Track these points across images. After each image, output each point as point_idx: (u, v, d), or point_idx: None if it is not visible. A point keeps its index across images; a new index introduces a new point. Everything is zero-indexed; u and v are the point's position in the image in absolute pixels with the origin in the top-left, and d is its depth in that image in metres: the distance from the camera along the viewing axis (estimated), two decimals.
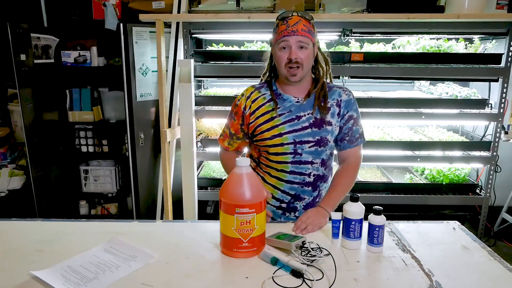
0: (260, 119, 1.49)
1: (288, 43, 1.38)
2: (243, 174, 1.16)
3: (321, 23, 2.56)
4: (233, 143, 1.59)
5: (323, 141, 1.47)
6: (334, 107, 1.49)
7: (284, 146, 1.46)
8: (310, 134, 1.46)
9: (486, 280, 1.09)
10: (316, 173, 1.51)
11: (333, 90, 1.52)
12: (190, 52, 2.66)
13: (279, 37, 1.40)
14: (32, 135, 2.82)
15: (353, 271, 1.12)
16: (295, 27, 1.38)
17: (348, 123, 1.51)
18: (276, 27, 1.43)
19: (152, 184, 3.05)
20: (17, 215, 1.72)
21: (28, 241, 1.28)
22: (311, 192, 1.53)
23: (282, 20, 1.42)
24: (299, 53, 1.38)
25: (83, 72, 2.95)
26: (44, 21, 3.05)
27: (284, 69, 1.41)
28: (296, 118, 1.47)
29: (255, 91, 1.53)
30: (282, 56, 1.40)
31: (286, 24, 1.39)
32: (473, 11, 2.52)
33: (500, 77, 2.63)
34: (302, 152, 1.47)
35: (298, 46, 1.38)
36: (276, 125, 1.47)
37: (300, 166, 1.48)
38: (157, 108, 2.81)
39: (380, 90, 3.15)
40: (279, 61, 1.42)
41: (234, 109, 1.55)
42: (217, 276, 1.10)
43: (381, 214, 1.22)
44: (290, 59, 1.38)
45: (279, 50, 1.41)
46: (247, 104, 1.51)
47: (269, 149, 1.49)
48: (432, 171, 2.92)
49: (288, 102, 1.49)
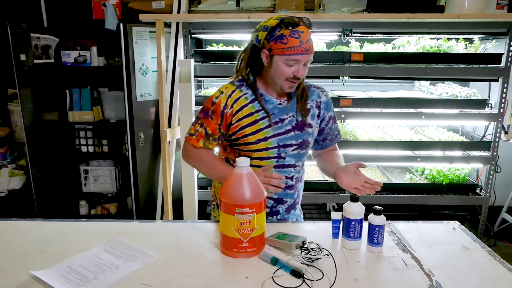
0: (244, 121, 1.39)
1: (298, 62, 1.30)
2: (243, 174, 1.16)
3: (321, 23, 2.56)
4: (208, 144, 1.42)
5: (305, 144, 1.45)
6: (314, 108, 1.47)
7: (269, 150, 1.41)
8: (293, 137, 1.42)
9: (486, 280, 1.09)
10: (297, 176, 1.49)
11: (311, 90, 1.49)
12: (190, 52, 2.66)
13: (290, 52, 1.28)
14: (32, 135, 2.82)
15: (353, 271, 1.12)
16: (308, 44, 1.29)
17: (329, 123, 1.52)
18: (281, 34, 1.28)
19: (152, 184, 3.05)
20: (17, 215, 1.72)
21: (28, 241, 1.28)
22: (293, 194, 1.50)
23: (288, 27, 1.28)
24: (304, 70, 1.33)
25: (83, 72, 2.95)
26: (44, 21, 3.05)
27: (283, 82, 1.34)
28: (279, 121, 1.41)
29: (236, 90, 1.41)
30: (287, 71, 1.31)
31: (299, 40, 1.27)
32: (473, 11, 2.52)
33: (500, 77, 2.63)
34: (286, 156, 1.43)
35: (304, 63, 1.32)
36: (261, 128, 1.39)
37: (283, 170, 1.44)
38: (157, 108, 2.81)
39: (380, 90, 3.15)
40: (281, 74, 1.32)
41: (211, 107, 1.39)
42: (217, 276, 1.09)
43: (381, 214, 1.22)
44: (296, 76, 1.32)
45: (285, 64, 1.30)
46: (228, 103, 1.39)
47: (252, 153, 1.41)
48: (432, 171, 2.92)
49: (271, 104, 1.42)
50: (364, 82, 3.17)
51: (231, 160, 1.49)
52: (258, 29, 1.35)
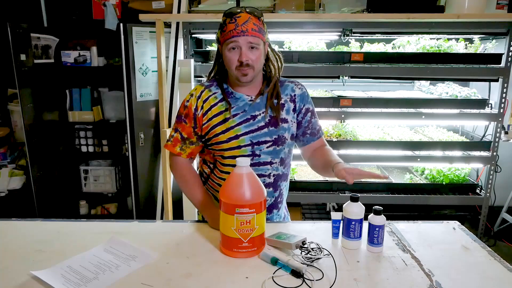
0: (214, 121, 1.38)
1: (237, 44, 1.29)
2: (243, 174, 1.16)
3: (321, 23, 2.56)
4: (186, 148, 1.42)
5: (280, 140, 1.42)
6: (289, 103, 1.44)
7: (242, 148, 1.38)
8: (267, 133, 1.39)
9: (486, 280, 1.09)
10: (275, 173, 1.45)
11: (285, 85, 1.47)
12: (190, 52, 2.66)
13: (228, 36, 1.29)
14: (32, 135, 2.82)
15: (353, 271, 1.12)
16: (245, 26, 1.28)
17: (306, 116, 1.47)
18: (223, 24, 1.31)
19: (152, 184, 3.05)
20: (17, 215, 1.72)
21: (28, 241, 1.28)
22: (272, 193, 1.46)
23: (229, 17, 1.30)
24: (250, 54, 1.30)
25: (83, 72, 2.95)
26: (44, 21, 3.06)
27: (234, 71, 1.33)
28: (251, 118, 1.39)
29: (206, 90, 1.41)
30: (232, 57, 1.31)
31: (235, 23, 1.28)
32: (473, 11, 2.52)
33: (500, 77, 2.63)
34: (261, 153, 1.40)
35: (248, 47, 1.30)
36: (231, 126, 1.37)
37: (259, 168, 1.41)
38: (157, 108, 2.81)
39: (380, 90, 3.15)
40: (229, 63, 1.33)
41: (183, 111, 1.41)
42: (217, 276, 1.09)
43: (381, 214, 1.22)
44: (241, 62, 1.30)
45: (228, 51, 1.31)
46: (199, 104, 1.39)
47: (224, 153, 1.39)
48: (432, 171, 2.92)
49: (241, 101, 1.40)
50: (364, 82, 3.17)
51: (208, 162, 1.49)
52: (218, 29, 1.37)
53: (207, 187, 1.50)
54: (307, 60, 2.63)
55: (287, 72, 2.34)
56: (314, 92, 2.95)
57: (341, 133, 2.84)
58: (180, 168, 1.46)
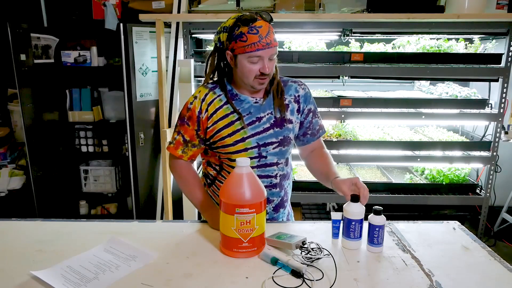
0: (219, 124, 1.37)
1: (261, 58, 1.27)
2: (243, 174, 1.16)
3: (321, 23, 2.56)
4: (187, 151, 1.41)
5: (286, 140, 1.43)
6: (293, 103, 1.44)
7: (248, 151, 1.37)
8: (273, 135, 1.39)
9: (486, 280, 1.09)
10: (281, 173, 1.46)
11: (288, 85, 1.46)
12: (190, 52, 2.66)
13: (251, 49, 1.25)
14: (32, 135, 2.82)
15: (353, 271, 1.12)
16: (268, 38, 1.26)
17: (308, 116, 1.48)
18: (240, 33, 1.25)
19: (152, 184, 3.05)
20: (17, 215, 1.72)
21: (28, 241, 1.28)
22: (279, 193, 1.47)
23: (245, 25, 1.25)
24: (270, 64, 1.29)
25: (83, 72, 2.95)
26: (44, 21, 3.06)
27: (252, 81, 1.31)
28: (257, 119, 1.38)
29: (210, 93, 1.39)
30: (254, 68, 1.28)
31: (258, 35, 1.24)
32: (473, 11, 2.52)
33: (500, 77, 2.63)
34: (267, 155, 1.40)
35: (269, 58, 1.29)
36: (237, 129, 1.36)
37: (266, 169, 1.41)
38: (157, 108, 2.81)
39: (380, 90, 3.16)
40: (248, 73, 1.29)
41: (186, 113, 1.38)
42: (217, 276, 1.09)
43: (381, 214, 1.22)
44: (263, 73, 1.28)
45: (250, 62, 1.28)
46: (203, 107, 1.37)
47: (231, 155, 1.38)
48: (432, 171, 2.92)
49: (246, 103, 1.39)
50: (364, 82, 3.17)
51: (213, 164, 1.48)
52: (219, 31, 1.33)
53: (214, 189, 1.50)
54: (307, 60, 2.63)
55: (288, 72, 2.35)
56: (314, 92, 2.95)
57: (341, 133, 2.84)
58: (180, 169, 1.46)
